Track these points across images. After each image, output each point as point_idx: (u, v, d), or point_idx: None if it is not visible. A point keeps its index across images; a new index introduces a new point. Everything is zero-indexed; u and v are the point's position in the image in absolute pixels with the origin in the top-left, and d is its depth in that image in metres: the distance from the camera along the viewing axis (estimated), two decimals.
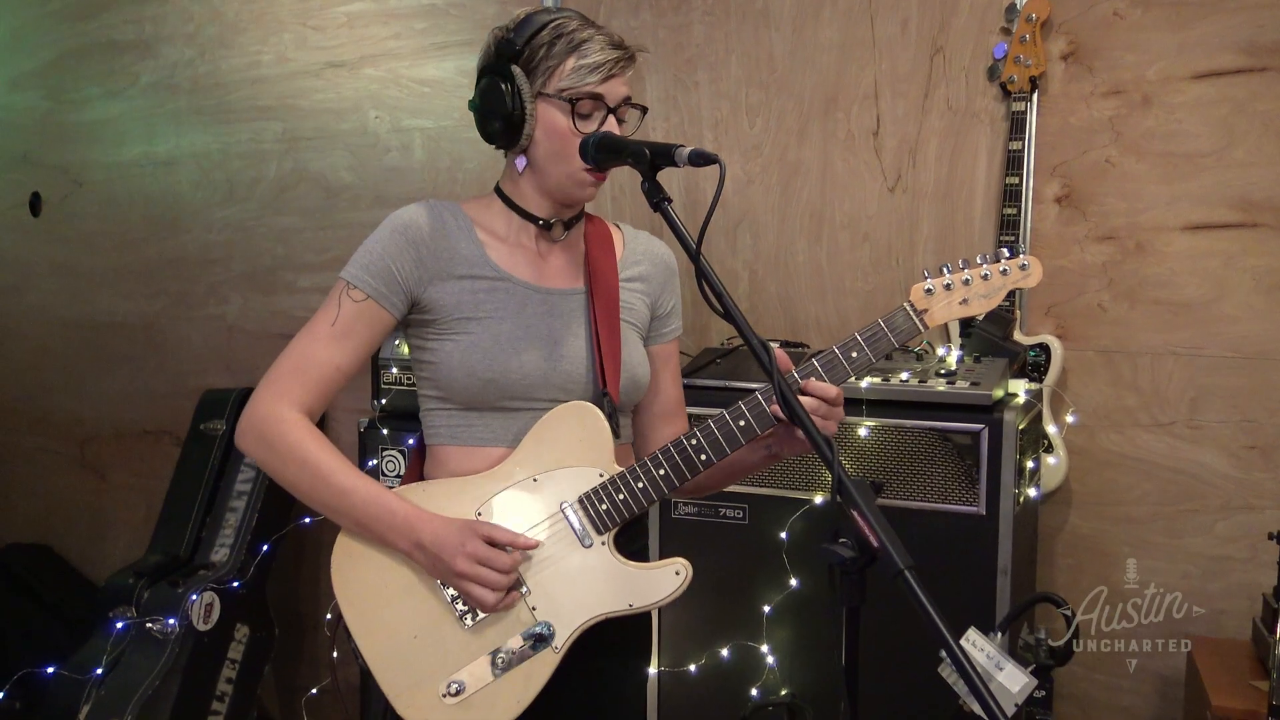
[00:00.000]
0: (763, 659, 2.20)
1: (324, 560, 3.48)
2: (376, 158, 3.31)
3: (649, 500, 1.47)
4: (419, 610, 1.47)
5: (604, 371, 1.51)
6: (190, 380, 3.56)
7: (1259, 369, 2.41)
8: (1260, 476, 2.42)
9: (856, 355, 1.42)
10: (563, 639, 1.46)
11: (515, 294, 1.51)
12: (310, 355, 1.47)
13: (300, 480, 1.45)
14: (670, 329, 1.68)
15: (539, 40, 1.46)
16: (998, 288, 1.40)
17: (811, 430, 1.09)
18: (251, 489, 3.09)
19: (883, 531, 0.99)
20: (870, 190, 2.78)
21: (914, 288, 1.43)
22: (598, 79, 1.45)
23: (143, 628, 2.69)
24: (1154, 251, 2.49)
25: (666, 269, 1.67)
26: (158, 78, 3.60)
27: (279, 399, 1.46)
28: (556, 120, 1.46)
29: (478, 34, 3.16)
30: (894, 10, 2.72)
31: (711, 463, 1.45)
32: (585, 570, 1.46)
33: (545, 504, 1.48)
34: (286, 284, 3.46)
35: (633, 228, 1.69)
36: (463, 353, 1.48)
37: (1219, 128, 2.42)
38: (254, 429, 1.46)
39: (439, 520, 1.44)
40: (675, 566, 1.47)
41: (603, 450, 1.48)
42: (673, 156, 1.30)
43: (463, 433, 1.52)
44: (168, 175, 3.63)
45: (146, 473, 3.69)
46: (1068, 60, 2.55)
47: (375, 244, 1.49)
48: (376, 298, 1.47)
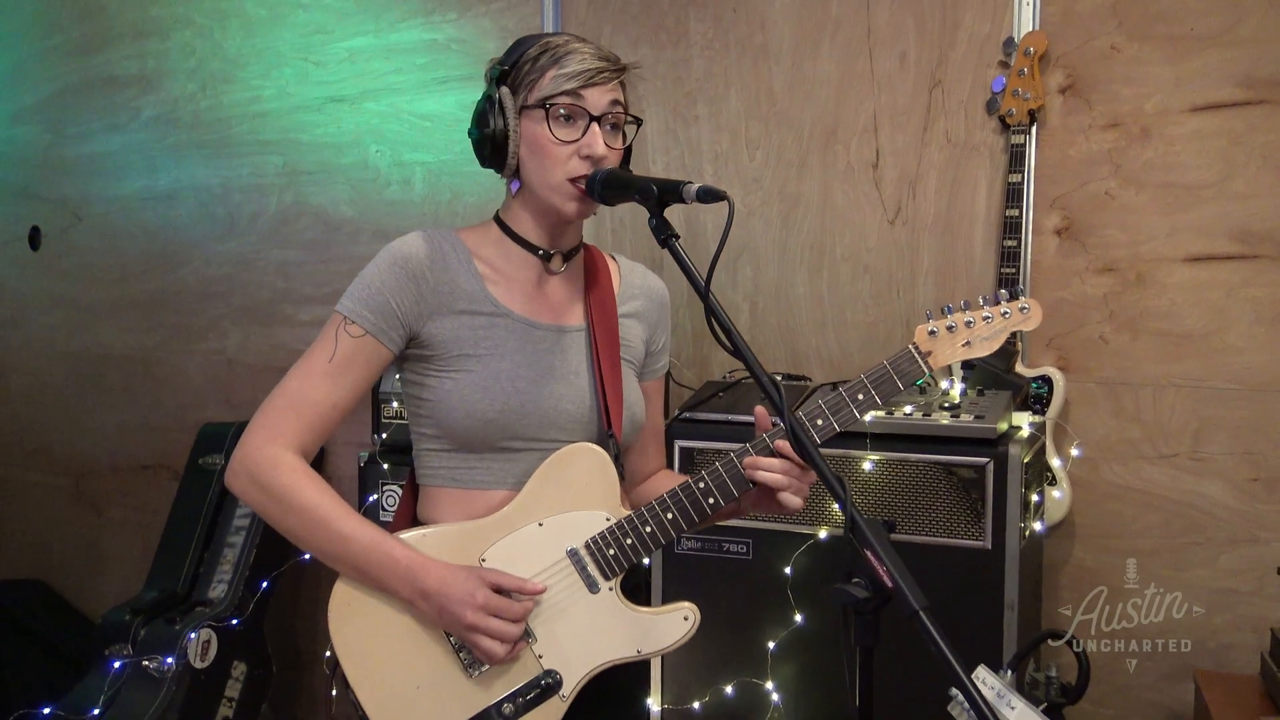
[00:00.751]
0: (767, 696, 2.17)
1: (322, 596, 3.45)
2: (377, 191, 3.32)
3: (656, 545, 1.44)
4: (422, 660, 1.43)
5: (608, 411, 1.47)
6: (189, 414, 3.54)
7: (1262, 400, 2.40)
8: (1264, 509, 2.40)
9: (863, 398, 1.40)
10: (570, 687, 1.43)
11: (515, 330, 1.47)
12: (305, 393, 1.42)
13: (296, 525, 1.40)
14: (660, 365, 1.66)
15: (525, 58, 1.44)
16: (999, 330, 1.40)
17: (824, 470, 1.07)
18: (250, 524, 3.07)
19: (897, 572, 0.98)
20: (870, 222, 2.78)
21: (918, 330, 1.41)
22: (576, 84, 1.41)
23: (139, 665, 2.65)
24: (1155, 283, 2.49)
25: (661, 305, 1.65)
26: (159, 112, 3.61)
27: (273, 439, 1.40)
28: (537, 131, 1.42)
29: (479, 69, 3.11)
30: (892, 44, 2.74)
31: (720, 506, 1.43)
32: (593, 616, 1.43)
33: (551, 549, 1.44)
34: (286, 317, 3.45)
35: (628, 260, 1.66)
36: (462, 391, 1.43)
37: (1218, 160, 2.43)
38: (246, 470, 1.40)
39: (443, 568, 1.39)
40: (683, 611, 1.45)
41: (609, 493, 1.46)
42: (680, 193, 1.28)
43: (462, 475, 1.48)
44: (168, 209, 3.63)
45: (143, 507, 3.67)
46: (1066, 93, 2.57)
47: (373, 277, 1.44)
48: (375, 333, 1.42)
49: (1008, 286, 2.54)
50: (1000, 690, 1.33)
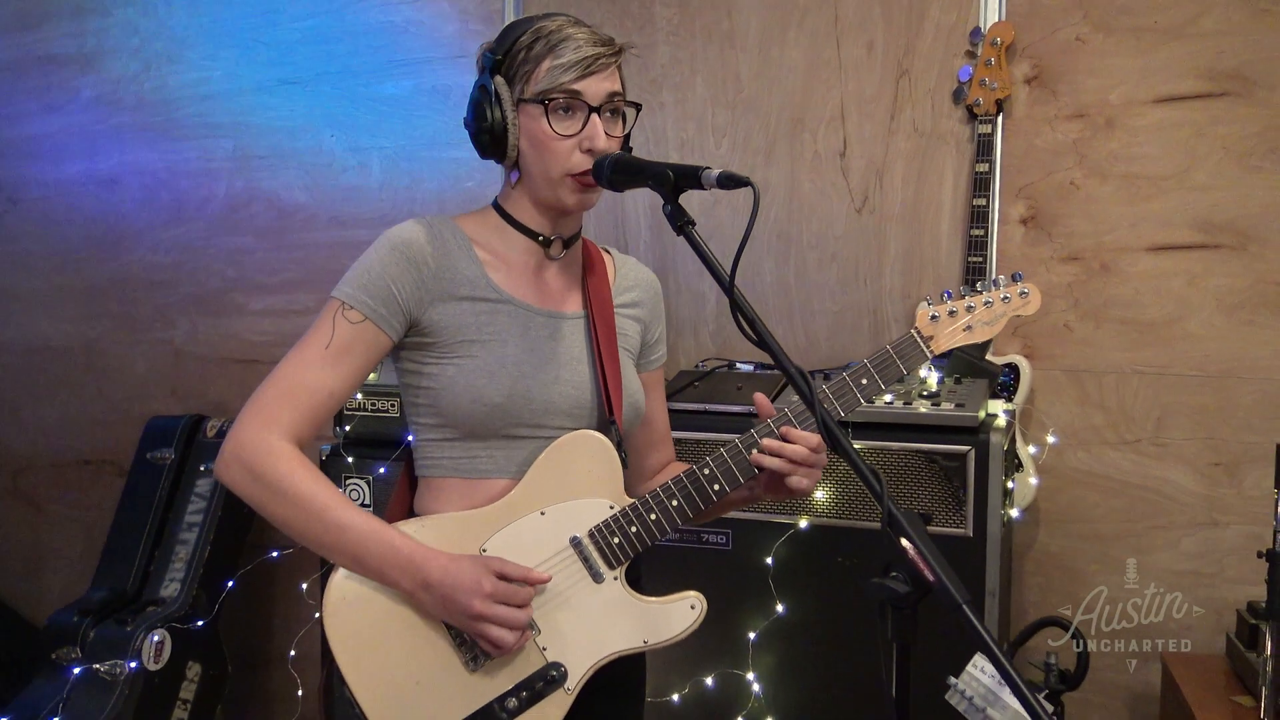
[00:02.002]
0: (748, 687, 2.16)
1: (277, 594, 3.38)
2: (333, 177, 3.23)
3: (662, 532, 1.42)
4: (421, 654, 1.39)
5: (609, 398, 1.45)
6: (134, 407, 3.42)
7: (1222, 387, 2.46)
8: (1225, 493, 2.46)
9: (866, 382, 1.40)
10: (575, 679, 1.40)
11: (517, 316, 1.45)
12: (301, 379, 1.37)
13: (291, 515, 1.35)
14: (658, 355, 1.65)
15: (518, 46, 1.40)
16: (999, 314, 1.40)
17: (858, 462, 1.05)
18: (203, 520, 2.97)
19: (939, 565, 0.96)
20: (837, 211, 2.78)
21: (919, 313, 1.41)
22: (573, 76, 1.37)
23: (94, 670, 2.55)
24: (1118, 272, 2.53)
25: (656, 295, 1.64)
26: (100, 92, 3.47)
27: (266, 426, 1.35)
28: (536, 125, 1.39)
29: (438, 52, 3.11)
30: (860, 33, 2.74)
31: (725, 492, 1.41)
32: (597, 607, 1.41)
33: (554, 538, 1.42)
34: (237, 306, 3.34)
35: (620, 253, 1.65)
36: (467, 377, 1.40)
37: (1180, 151, 2.47)
38: (239, 459, 1.35)
39: (445, 557, 1.36)
40: (690, 600, 1.42)
41: (613, 481, 1.43)
42: (699, 178, 1.25)
43: (465, 464, 1.45)
44: (110, 194, 3.49)
45: (86, 504, 3.53)
46: (1032, 84, 2.59)
47: (373, 262, 1.40)
48: (375, 319, 1.39)
49: (975, 275, 2.58)
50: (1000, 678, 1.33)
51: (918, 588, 0.98)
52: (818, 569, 2.11)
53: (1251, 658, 2.01)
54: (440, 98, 3.12)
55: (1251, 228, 2.43)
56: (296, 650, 2.73)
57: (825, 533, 2.12)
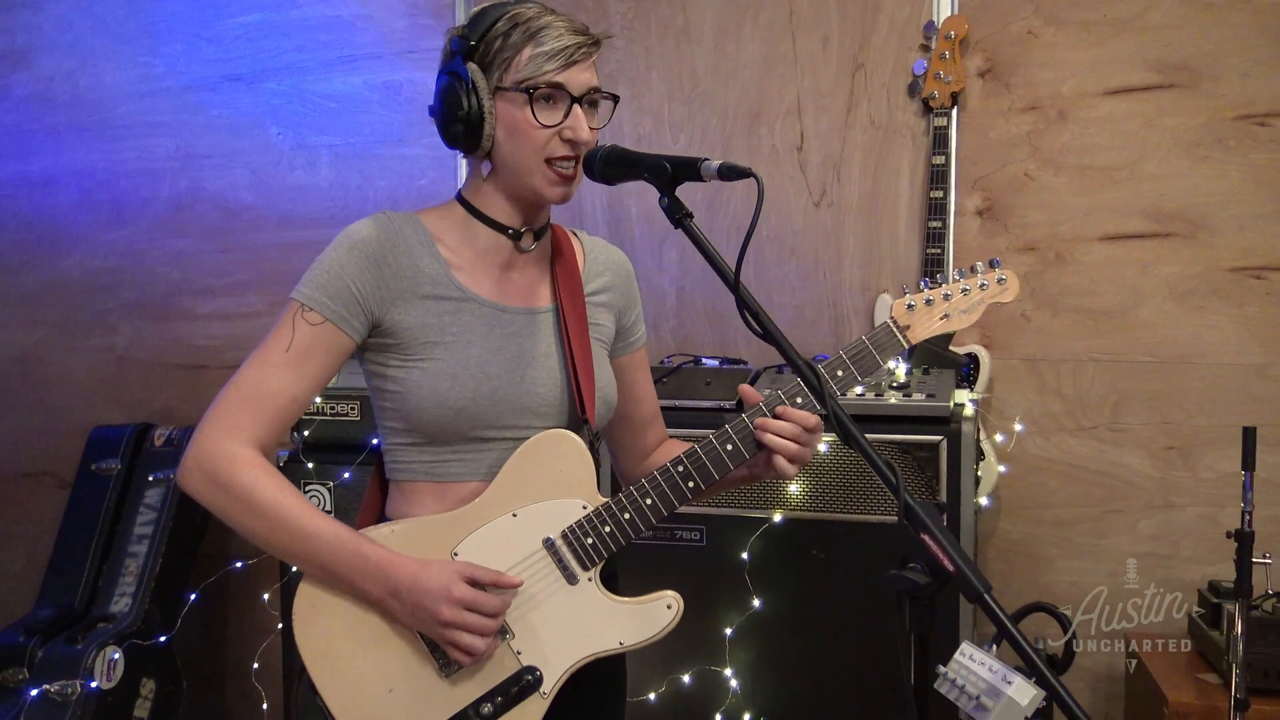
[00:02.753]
0: (725, 683, 2.16)
1: (230, 605, 3.29)
2: (280, 176, 3.15)
3: (636, 531, 1.39)
4: (394, 661, 1.36)
5: (580, 395, 1.43)
6: (75, 416, 3.29)
7: (1176, 372, 2.51)
8: (1180, 475, 2.52)
9: (842, 374, 1.38)
10: (551, 683, 1.37)
11: (482, 315, 1.41)
12: (262, 384, 1.34)
13: (256, 524, 1.32)
14: (637, 337, 1.61)
15: (494, 33, 1.35)
16: (977, 302, 1.39)
17: (872, 455, 1.05)
18: (153, 532, 2.87)
19: (958, 555, 0.96)
20: (796, 205, 2.79)
21: (895, 304, 1.40)
22: (556, 66, 1.33)
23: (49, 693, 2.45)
24: (1073, 261, 2.58)
25: (628, 277, 1.60)
26: (32, 90, 3.34)
27: (228, 433, 1.32)
28: (516, 115, 1.35)
29: (387, 47, 3.06)
30: (815, 27, 2.75)
31: (700, 490, 1.39)
32: (572, 609, 1.38)
33: (527, 540, 1.39)
34: (183, 310, 3.24)
35: (588, 235, 1.61)
36: (431, 380, 1.37)
37: (1131, 142, 2.52)
38: (201, 467, 1.32)
39: (414, 563, 1.33)
40: (666, 600, 1.40)
41: (585, 480, 1.40)
42: (698, 170, 1.23)
43: (435, 468, 1.41)
44: (45, 195, 3.36)
45: (25, 519, 3.39)
46: (985, 77, 2.62)
47: (331, 261, 1.36)
48: (335, 320, 1.35)
49: (933, 266, 2.61)
50: (992, 665, 1.33)
51: (937, 578, 0.98)
52: (793, 563, 2.11)
53: (1215, 636, 2.06)
54: (390, 93, 3.06)
55: (1201, 216, 2.49)
56: (259, 663, 2.65)
57: (800, 526, 2.12)
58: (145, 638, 2.73)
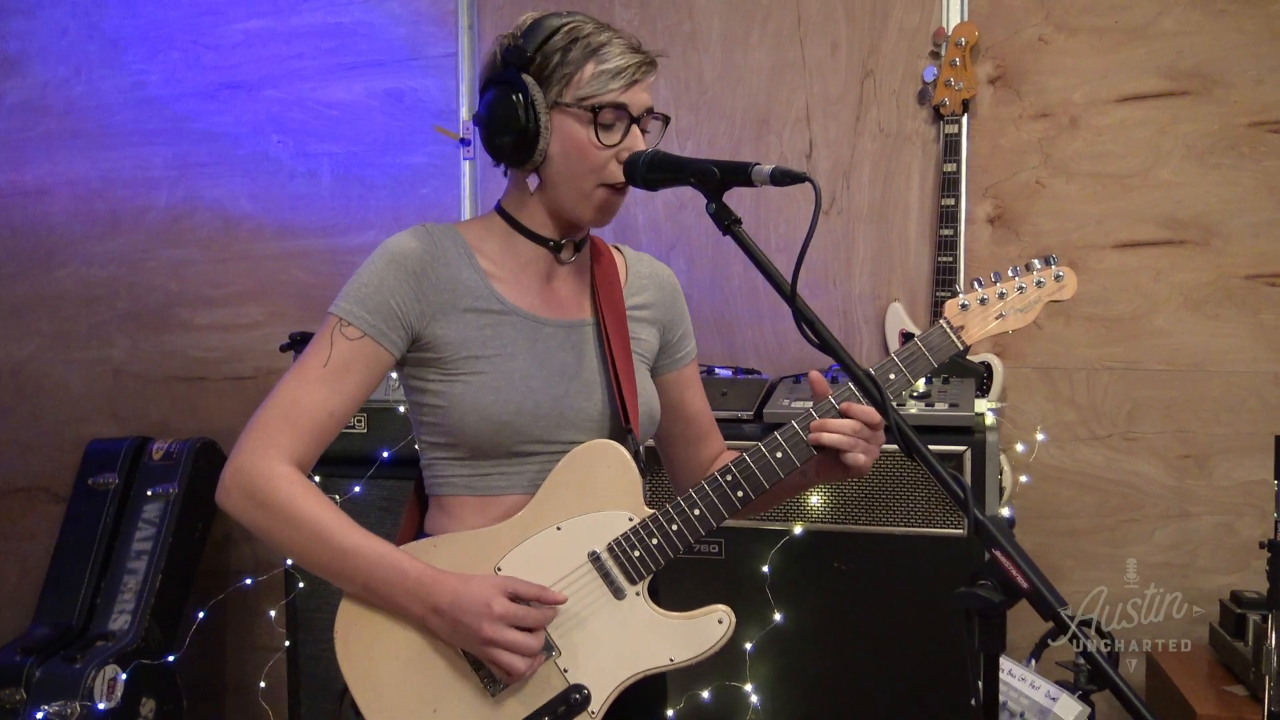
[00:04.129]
0: (746, 699, 2.12)
1: (229, 622, 3.23)
2: (280, 185, 3.11)
3: (685, 544, 1.36)
4: (437, 681, 1.33)
5: (625, 407, 1.40)
6: (70, 430, 3.23)
7: (1190, 380, 2.50)
8: (1195, 484, 2.50)
9: (895, 377, 1.35)
10: (599, 702, 1.33)
11: (523, 328, 1.39)
12: (300, 400, 1.31)
13: (295, 541, 1.29)
14: (686, 352, 1.59)
15: (552, 45, 1.32)
16: (1033, 300, 1.36)
17: (938, 469, 1.02)
18: (152, 548, 2.81)
19: (1032, 571, 0.93)
20: (805, 213, 2.76)
21: (948, 304, 1.37)
22: (621, 85, 1.32)
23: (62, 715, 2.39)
24: (1086, 269, 2.56)
25: (672, 291, 1.57)
26: (25, 97, 3.28)
27: (266, 450, 1.29)
28: (575, 132, 1.33)
29: (389, 54, 3.02)
30: (823, 34, 2.73)
31: (749, 499, 1.36)
32: (620, 624, 1.35)
33: (572, 554, 1.35)
34: (181, 322, 3.19)
35: (633, 250, 1.58)
36: (474, 394, 1.34)
37: (1144, 149, 2.51)
38: (239, 485, 1.29)
39: (455, 579, 1.30)
40: (717, 615, 1.37)
41: (631, 492, 1.37)
42: (749, 175, 1.20)
43: (477, 482, 1.39)
44: (39, 205, 3.30)
45: (18, 535, 3.33)
46: (996, 84, 2.61)
47: (370, 275, 1.34)
48: (374, 335, 1.32)
49: (945, 275, 2.58)
50: (1034, 681, 1.31)
51: (1009, 595, 0.95)
52: (814, 576, 2.08)
53: (1239, 647, 2.04)
54: (392, 101, 3.02)
55: (1214, 223, 2.47)
56: (266, 681, 2.60)
57: (821, 538, 2.09)
58: (145, 656, 2.67)
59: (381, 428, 2.45)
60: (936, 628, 1.93)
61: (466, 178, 2.97)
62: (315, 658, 2.44)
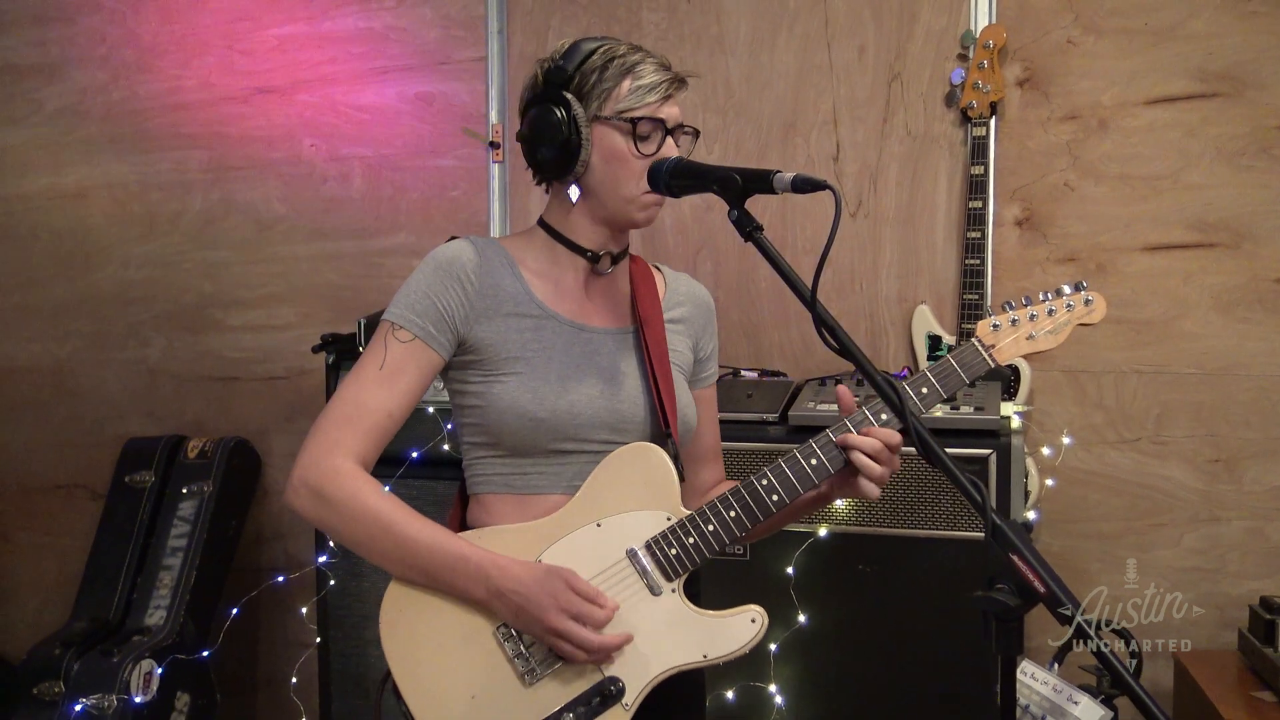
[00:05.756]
0: (770, 700, 2.13)
1: (261, 618, 3.28)
2: (312, 188, 3.15)
3: (720, 544, 1.40)
4: (477, 667, 1.38)
5: (664, 411, 1.45)
6: (108, 428, 3.30)
7: (1220, 383, 2.48)
8: (1225, 489, 2.48)
9: (927, 391, 1.39)
10: (634, 695, 1.37)
11: (562, 333, 1.45)
12: (360, 402, 1.39)
13: (360, 533, 1.37)
14: (709, 373, 1.64)
15: (590, 65, 1.42)
16: (1063, 323, 1.40)
17: (956, 473, 1.03)
18: (187, 544, 2.87)
19: (1048, 575, 0.94)
20: (830, 217, 2.76)
21: (980, 324, 1.42)
22: (657, 99, 1.42)
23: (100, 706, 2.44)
24: (1115, 272, 2.55)
25: (707, 311, 1.64)
26: (65, 103, 3.35)
27: (332, 450, 1.37)
28: (616, 143, 1.42)
29: (419, 59, 3.05)
30: (851, 37, 2.73)
31: (784, 503, 1.39)
32: (655, 620, 1.38)
33: (610, 550, 1.40)
34: (216, 322, 3.25)
35: (672, 270, 1.65)
36: (512, 394, 1.41)
37: (1173, 151, 2.50)
38: (307, 484, 1.37)
39: (517, 566, 1.35)
40: (750, 614, 1.40)
41: (669, 493, 1.41)
42: (770, 182, 1.23)
43: (516, 480, 1.45)
44: (78, 208, 3.37)
45: (57, 531, 3.40)
46: (1024, 86, 2.60)
47: (419, 282, 1.43)
48: (424, 338, 1.41)
49: (972, 278, 2.58)
50: (1056, 685, 1.32)
51: (1026, 599, 0.96)
52: (839, 578, 2.09)
53: (1269, 653, 2.02)
54: (423, 105, 3.06)
55: (1245, 226, 2.46)
56: (298, 677, 2.64)
57: (845, 540, 2.10)
58: (180, 650, 2.73)
59: (411, 428, 2.44)
60: (960, 630, 1.93)
61: (495, 181, 3.01)
62: (346, 654, 2.48)
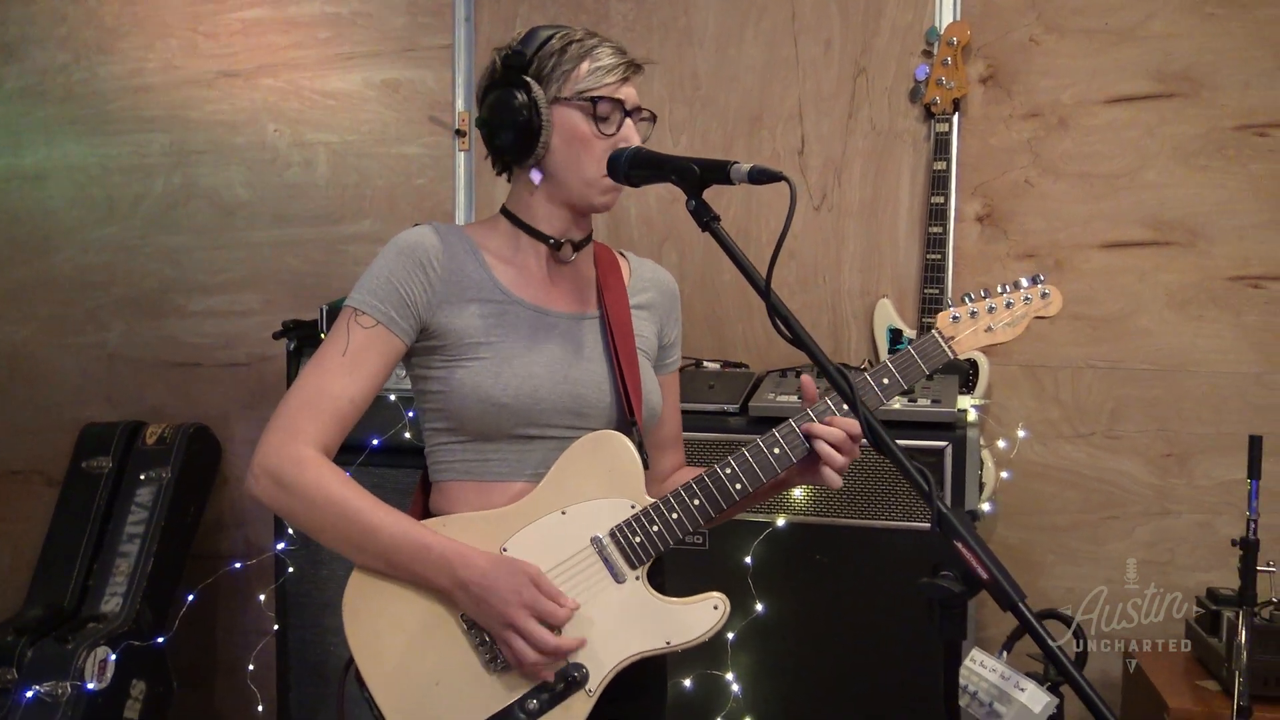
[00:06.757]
0: (727, 688, 2.15)
1: (219, 606, 3.26)
2: (276, 173, 3.13)
3: (684, 531, 1.41)
4: (440, 654, 1.37)
5: (628, 398, 1.45)
6: (65, 413, 3.26)
7: (1173, 380, 2.53)
8: (1176, 483, 2.53)
9: (888, 382, 1.41)
10: (597, 681, 1.38)
11: (525, 317, 1.45)
12: (322, 388, 1.38)
13: (322, 521, 1.35)
14: (673, 359, 1.65)
15: (548, 49, 1.43)
16: (1020, 315, 1.43)
17: (904, 462, 1.04)
18: (144, 531, 2.84)
19: (992, 563, 0.96)
20: (796, 209, 2.78)
21: (940, 315, 1.44)
22: (615, 80, 1.43)
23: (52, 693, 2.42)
24: (1072, 269, 2.59)
25: (672, 297, 1.64)
26: (24, 84, 3.30)
27: (292, 438, 1.36)
28: (576, 124, 1.42)
29: (385, 45, 3.04)
30: (817, 31, 2.75)
31: (747, 492, 1.41)
32: (619, 607, 1.39)
33: (575, 538, 1.40)
34: (176, 308, 3.21)
35: (636, 256, 1.65)
36: (475, 378, 1.40)
37: (1131, 150, 2.53)
38: (267, 471, 1.35)
39: (481, 557, 1.35)
40: (712, 601, 1.41)
41: (634, 480, 1.42)
42: (727, 173, 1.24)
43: (477, 467, 1.44)
44: (36, 190, 3.33)
45: (13, 517, 3.35)
46: (986, 83, 2.63)
47: (382, 268, 1.42)
48: (387, 324, 1.40)
49: (933, 272, 2.61)
50: (1004, 672, 1.33)
51: (970, 586, 0.98)
52: (796, 567, 2.11)
53: (1214, 643, 2.06)
54: (389, 91, 3.04)
55: (1200, 225, 2.50)
56: (255, 664, 2.63)
57: (803, 531, 2.12)
58: (136, 638, 2.70)
59: (372, 415, 2.43)
60: (914, 619, 1.95)
61: (461, 169, 3.00)
62: (304, 641, 2.47)
